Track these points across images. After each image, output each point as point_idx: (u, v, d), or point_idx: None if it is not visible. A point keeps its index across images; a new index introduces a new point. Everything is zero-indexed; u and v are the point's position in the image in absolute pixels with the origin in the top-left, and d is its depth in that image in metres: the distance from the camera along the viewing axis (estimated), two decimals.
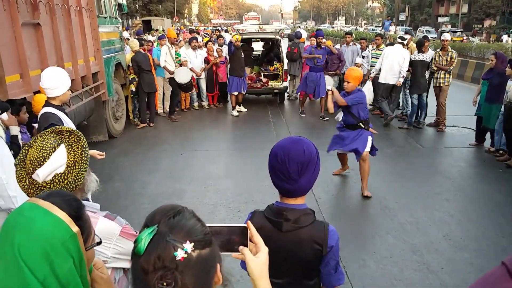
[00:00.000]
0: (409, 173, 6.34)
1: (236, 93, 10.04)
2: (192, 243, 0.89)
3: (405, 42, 8.99)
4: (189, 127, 9.11)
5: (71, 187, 1.57)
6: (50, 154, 1.53)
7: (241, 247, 1.13)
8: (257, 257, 1.14)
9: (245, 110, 10.33)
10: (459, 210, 5.04)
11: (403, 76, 8.62)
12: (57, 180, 1.54)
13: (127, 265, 1.71)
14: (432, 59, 8.36)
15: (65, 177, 1.56)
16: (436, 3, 53.42)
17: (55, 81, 3.29)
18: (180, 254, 0.87)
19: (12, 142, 3.43)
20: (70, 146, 1.59)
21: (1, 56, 4.18)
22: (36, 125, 4.04)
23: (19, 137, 3.60)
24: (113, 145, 7.70)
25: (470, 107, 7.95)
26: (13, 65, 4.44)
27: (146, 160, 6.91)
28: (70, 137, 1.62)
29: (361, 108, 5.28)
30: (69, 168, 1.56)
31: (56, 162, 1.54)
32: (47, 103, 3.39)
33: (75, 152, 1.59)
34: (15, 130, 3.60)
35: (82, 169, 1.60)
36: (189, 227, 0.93)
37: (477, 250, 4.15)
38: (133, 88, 8.94)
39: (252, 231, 1.15)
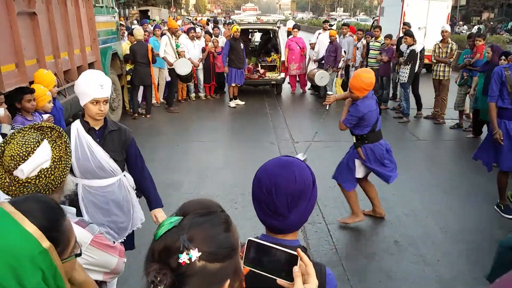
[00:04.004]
0: (406, 165, 6.34)
1: (234, 84, 10.03)
2: (200, 253, 0.85)
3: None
4: (186, 118, 9.07)
5: (57, 182, 1.50)
6: (34, 148, 1.45)
7: (296, 268, 1.01)
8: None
9: (243, 103, 10.30)
10: (456, 203, 5.06)
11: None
12: (43, 176, 1.47)
13: (100, 277, 1.64)
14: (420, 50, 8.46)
15: (52, 172, 1.48)
16: None
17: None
18: (183, 258, 0.84)
19: None
20: (53, 141, 1.52)
21: None
22: (45, 116, 4.03)
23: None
24: None
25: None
26: (8, 55, 4.40)
27: (143, 151, 6.73)
28: (52, 133, 1.54)
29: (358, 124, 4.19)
30: (55, 163, 1.50)
31: (41, 157, 1.46)
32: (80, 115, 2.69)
33: (60, 147, 1.53)
34: (6, 128, 3.54)
35: (67, 164, 1.54)
36: (208, 234, 0.88)
37: (473, 242, 4.17)
38: (129, 78, 8.88)
39: (305, 260, 1.04)
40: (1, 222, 1.01)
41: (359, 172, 4.35)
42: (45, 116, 4.00)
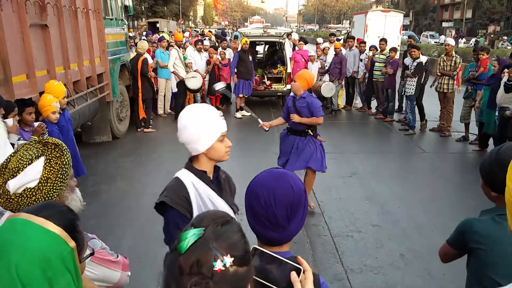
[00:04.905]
0: (411, 178, 6.34)
1: (241, 95, 10.09)
2: (233, 258, 0.89)
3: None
4: None
5: None
6: (25, 165, 1.42)
7: (293, 274, 1.10)
8: None
9: (249, 114, 10.34)
10: (461, 216, 5.01)
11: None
12: (25, 195, 1.42)
13: None
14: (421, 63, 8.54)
15: (34, 193, 1.42)
16: (440, 8, 53.41)
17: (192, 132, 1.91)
18: (218, 265, 0.88)
19: None
20: (48, 161, 1.46)
21: (9, 56, 4.22)
22: (36, 123, 4.06)
23: (16, 145, 3.58)
24: (116, 146, 7.73)
25: (473, 112, 7.96)
26: (20, 66, 4.48)
27: (149, 161, 6.94)
28: (53, 151, 1.49)
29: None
30: (39, 184, 1.43)
31: (29, 176, 1.42)
32: (187, 164, 2.03)
33: (52, 168, 1.46)
34: (13, 138, 3.58)
35: (55, 187, 1.46)
36: (234, 241, 0.94)
37: None
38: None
39: (305, 266, 1.12)
40: (26, 228, 1.03)
41: None
42: (36, 123, 4.03)
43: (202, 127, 1.85)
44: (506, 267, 1.74)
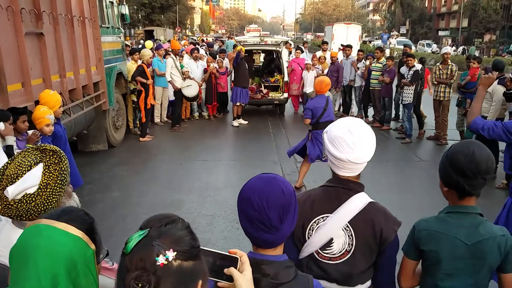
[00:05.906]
0: (409, 186, 6.33)
1: (238, 103, 10.11)
2: (175, 252, 0.91)
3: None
4: (189, 137, 9.11)
5: (38, 210, 1.45)
6: (24, 172, 1.44)
7: (229, 269, 1.14)
8: (244, 274, 1.15)
9: (246, 122, 10.34)
10: None
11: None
12: (25, 201, 1.43)
13: None
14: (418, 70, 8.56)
15: (34, 199, 1.44)
16: (437, 17, 53.81)
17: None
18: (161, 260, 0.89)
19: (5, 153, 3.37)
20: (47, 167, 1.48)
21: (4, 65, 4.20)
22: (30, 131, 4.02)
23: (14, 147, 3.55)
24: (112, 155, 7.70)
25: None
26: (15, 74, 4.46)
27: (145, 170, 6.90)
28: (51, 157, 1.51)
29: None
30: (39, 190, 1.45)
31: (28, 182, 1.44)
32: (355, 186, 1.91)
33: (51, 174, 1.48)
34: (10, 140, 3.55)
35: (54, 193, 1.48)
36: (177, 236, 0.95)
37: None
38: (134, 98, 8.92)
39: (238, 252, 1.15)
40: (50, 233, 1.08)
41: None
42: (30, 132, 3.99)
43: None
44: (447, 264, 1.84)
